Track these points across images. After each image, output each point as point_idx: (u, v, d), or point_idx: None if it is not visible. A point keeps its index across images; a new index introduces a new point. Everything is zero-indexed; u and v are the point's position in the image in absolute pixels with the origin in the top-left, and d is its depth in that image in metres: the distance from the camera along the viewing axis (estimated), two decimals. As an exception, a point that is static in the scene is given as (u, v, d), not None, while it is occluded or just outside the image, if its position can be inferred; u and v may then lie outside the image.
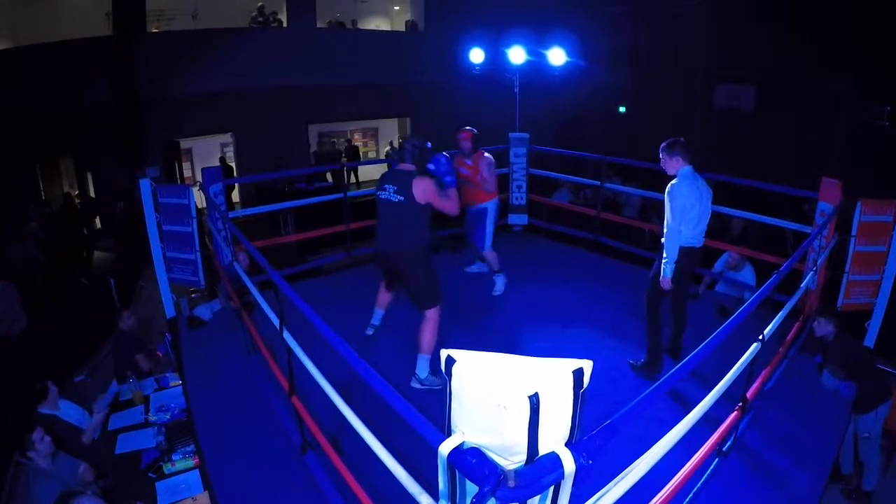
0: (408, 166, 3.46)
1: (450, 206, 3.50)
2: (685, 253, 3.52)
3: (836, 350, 3.63)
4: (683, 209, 3.44)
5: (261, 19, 11.85)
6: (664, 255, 3.51)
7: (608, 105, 13.64)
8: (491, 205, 4.96)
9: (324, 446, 2.64)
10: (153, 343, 5.33)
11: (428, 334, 3.57)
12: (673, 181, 3.51)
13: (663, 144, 3.61)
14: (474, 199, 4.96)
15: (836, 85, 9.98)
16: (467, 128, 5.08)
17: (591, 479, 1.30)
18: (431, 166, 3.54)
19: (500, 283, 5.07)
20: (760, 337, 2.54)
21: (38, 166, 10.68)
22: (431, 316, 3.57)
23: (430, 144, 3.56)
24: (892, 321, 4.15)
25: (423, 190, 3.36)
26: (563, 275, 5.51)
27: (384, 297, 3.97)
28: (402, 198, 3.38)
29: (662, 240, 3.55)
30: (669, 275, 3.50)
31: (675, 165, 3.56)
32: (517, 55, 6.83)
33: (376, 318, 4.02)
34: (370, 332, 4.01)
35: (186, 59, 10.46)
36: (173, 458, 3.45)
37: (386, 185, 3.46)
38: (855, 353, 3.68)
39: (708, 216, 3.58)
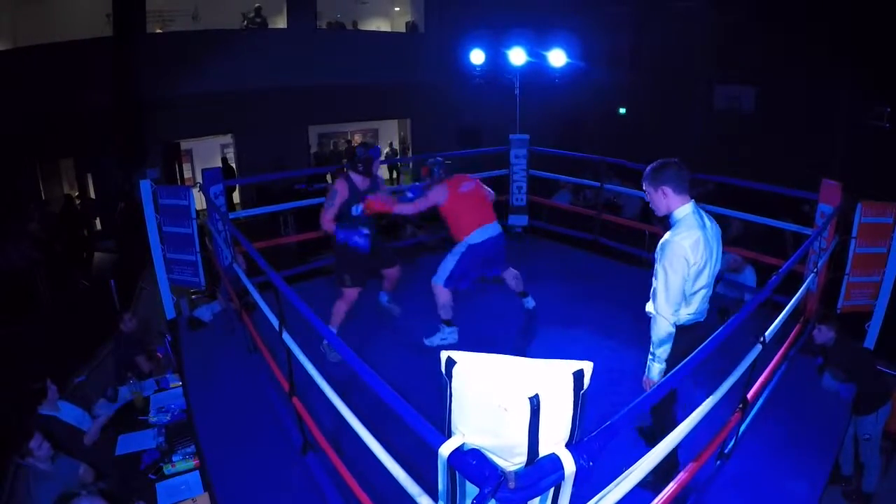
0: None
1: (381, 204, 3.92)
2: (690, 334, 2.41)
3: (837, 352, 3.63)
4: (682, 277, 2.30)
5: (258, 20, 11.85)
6: (652, 347, 2.42)
7: (608, 106, 13.64)
8: (458, 246, 4.03)
9: (324, 447, 2.64)
10: (153, 344, 5.33)
11: (335, 309, 4.04)
12: (668, 233, 2.37)
13: (647, 171, 2.44)
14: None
15: (836, 86, 9.98)
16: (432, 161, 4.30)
17: (591, 480, 1.30)
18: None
19: (439, 336, 4.18)
20: (761, 339, 2.54)
21: (38, 167, 10.68)
22: (343, 295, 4.03)
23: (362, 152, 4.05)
24: (893, 323, 4.15)
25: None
26: (563, 276, 5.51)
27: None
28: None
29: (649, 309, 2.44)
30: (656, 377, 2.42)
31: (665, 203, 2.41)
32: (517, 56, 6.84)
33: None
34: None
35: (187, 60, 10.46)
36: (173, 459, 3.45)
37: None
38: (855, 355, 3.68)
39: (717, 273, 2.46)
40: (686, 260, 2.28)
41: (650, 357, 2.44)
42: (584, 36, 10.59)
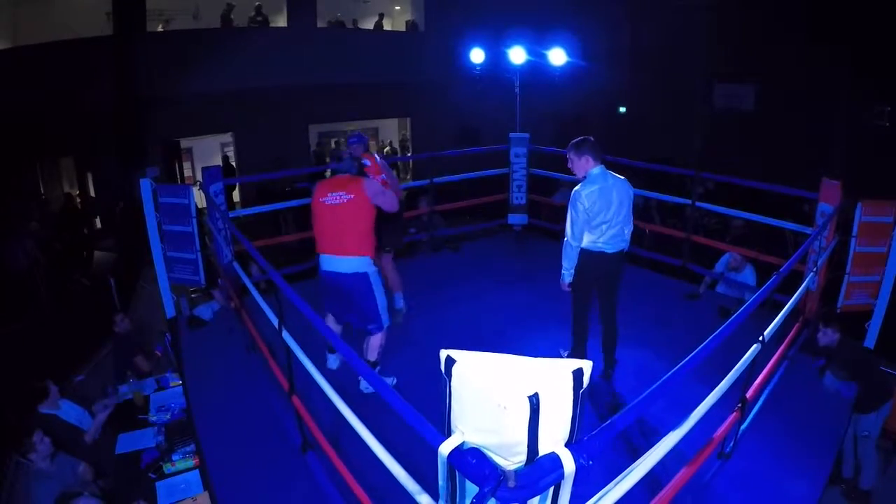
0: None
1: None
2: (595, 258, 3.38)
3: (841, 352, 3.61)
4: (585, 218, 3.26)
5: (259, 19, 11.85)
6: (563, 263, 3.43)
7: (608, 105, 13.63)
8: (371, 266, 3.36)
9: (323, 445, 2.64)
10: (152, 343, 5.33)
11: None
12: (578, 185, 3.33)
13: (571, 144, 3.38)
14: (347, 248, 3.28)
15: (836, 85, 9.98)
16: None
17: (591, 479, 1.30)
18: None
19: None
20: (760, 338, 2.54)
21: (38, 166, 10.68)
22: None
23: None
24: (893, 322, 4.15)
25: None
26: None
27: None
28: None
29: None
30: (568, 279, 3.46)
31: (585, 166, 3.34)
32: (517, 55, 6.83)
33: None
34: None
35: (187, 59, 10.45)
36: (173, 458, 3.46)
37: None
38: (859, 355, 3.67)
39: (626, 221, 3.38)
40: (582, 203, 3.27)
41: (563, 270, 3.46)
42: (584, 35, 10.59)
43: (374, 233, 3.34)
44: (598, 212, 3.27)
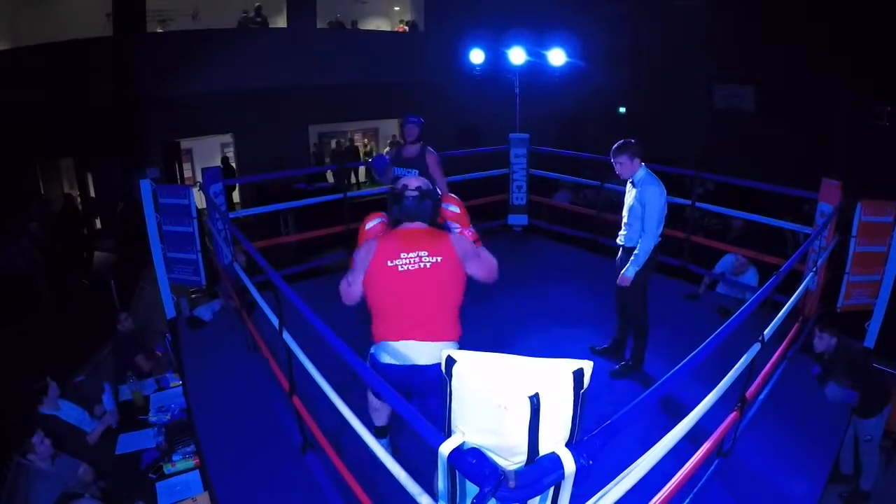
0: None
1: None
2: (656, 250, 3.56)
3: (839, 361, 3.56)
4: (662, 211, 3.45)
5: (258, 19, 11.86)
6: (637, 257, 3.48)
7: (608, 105, 13.63)
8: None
9: (324, 446, 2.64)
10: (152, 343, 5.33)
11: None
12: (645, 185, 3.46)
13: (623, 147, 3.49)
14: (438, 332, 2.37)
15: (835, 85, 9.98)
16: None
17: (591, 479, 1.30)
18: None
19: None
20: (760, 337, 2.54)
21: (38, 166, 10.68)
22: None
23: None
24: (892, 322, 4.15)
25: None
26: (564, 275, 5.51)
27: None
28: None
29: (619, 240, 3.67)
30: (632, 275, 3.52)
31: (635, 167, 3.49)
32: (517, 56, 6.83)
33: None
34: None
35: (186, 59, 10.45)
36: (173, 458, 3.45)
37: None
38: (858, 363, 3.62)
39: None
40: (661, 197, 3.42)
41: (634, 265, 3.48)
42: (583, 35, 10.59)
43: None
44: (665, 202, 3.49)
